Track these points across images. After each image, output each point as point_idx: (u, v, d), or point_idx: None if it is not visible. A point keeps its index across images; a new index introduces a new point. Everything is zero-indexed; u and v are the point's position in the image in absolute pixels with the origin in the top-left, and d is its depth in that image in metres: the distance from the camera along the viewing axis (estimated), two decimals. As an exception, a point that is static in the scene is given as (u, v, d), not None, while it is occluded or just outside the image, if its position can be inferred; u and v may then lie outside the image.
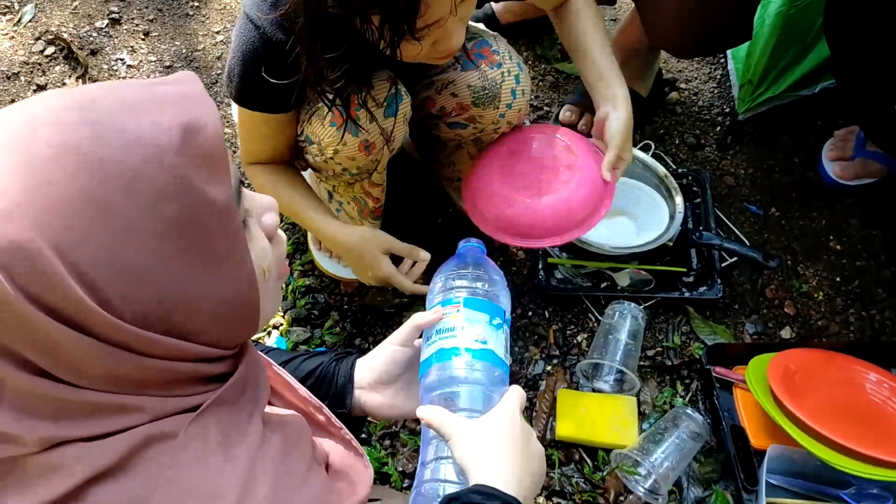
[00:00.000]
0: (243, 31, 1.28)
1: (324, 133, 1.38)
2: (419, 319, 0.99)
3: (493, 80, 1.45)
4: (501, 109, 1.48)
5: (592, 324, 1.68)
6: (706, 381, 1.56)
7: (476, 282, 0.99)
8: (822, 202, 1.84)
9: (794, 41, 1.80)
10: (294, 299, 1.74)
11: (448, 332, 0.95)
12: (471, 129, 1.52)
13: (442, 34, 1.17)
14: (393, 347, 1.03)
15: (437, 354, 0.94)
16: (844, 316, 1.68)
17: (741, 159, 1.93)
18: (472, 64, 1.45)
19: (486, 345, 0.93)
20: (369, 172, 1.47)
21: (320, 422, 0.90)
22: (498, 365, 0.94)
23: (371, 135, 1.38)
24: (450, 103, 1.48)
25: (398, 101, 1.37)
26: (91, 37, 2.21)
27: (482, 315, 0.95)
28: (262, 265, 0.71)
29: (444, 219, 1.85)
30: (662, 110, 2.02)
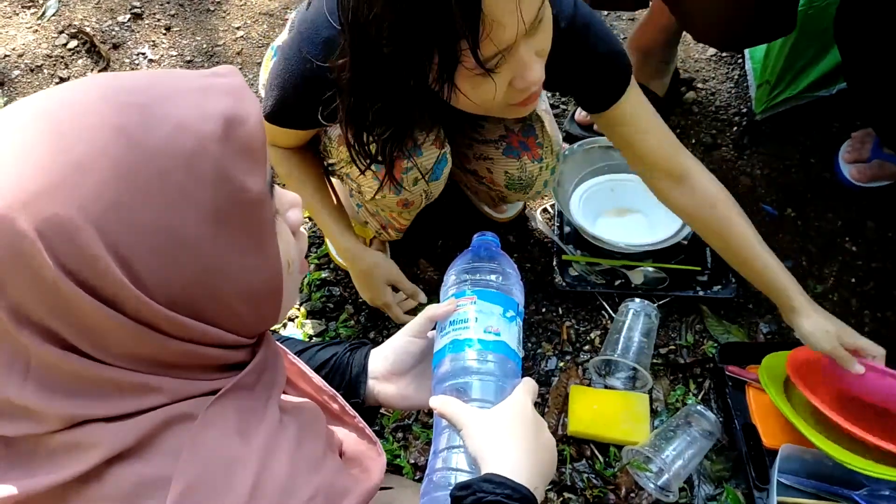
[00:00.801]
0: (290, 51, 1.23)
1: (364, 183, 1.38)
2: (433, 311, 1.00)
3: (531, 173, 1.48)
4: (531, 195, 1.54)
5: (606, 321, 1.68)
6: (719, 379, 1.56)
7: (490, 274, 1.00)
8: (837, 203, 1.84)
9: (811, 42, 1.80)
10: (310, 292, 1.75)
11: (461, 323, 0.96)
12: (496, 193, 1.58)
13: (517, 67, 1.03)
14: (407, 338, 1.04)
15: (451, 345, 0.95)
16: (859, 317, 1.67)
17: (757, 159, 1.92)
18: (515, 153, 1.46)
19: (500, 336, 0.94)
20: (400, 213, 1.49)
21: (334, 410, 0.91)
22: (511, 357, 0.94)
23: (413, 195, 1.39)
24: (483, 173, 1.52)
25: (443, 166, 1.38)
26: (113, 31, 2.24)
27: (496, 307, 0.96)
28: (287, 258, 0.73)
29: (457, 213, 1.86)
30: (679, 110, 2.02)
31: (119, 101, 0.61)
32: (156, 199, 0.60)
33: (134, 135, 0.60)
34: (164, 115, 0.61)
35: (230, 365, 0.72)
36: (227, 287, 0.65)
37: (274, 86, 1.29)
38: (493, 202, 1.73)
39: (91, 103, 0.61)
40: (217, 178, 0.62)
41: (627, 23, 2.20)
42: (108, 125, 0.60)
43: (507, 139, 1.45)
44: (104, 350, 0.63)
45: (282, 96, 1.28)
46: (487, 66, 0.99)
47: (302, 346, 1.09)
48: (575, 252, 1.76)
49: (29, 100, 0.62)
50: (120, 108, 0.60)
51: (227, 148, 0.63)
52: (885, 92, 1.49)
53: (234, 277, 0.65)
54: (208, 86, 0.65)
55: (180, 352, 0.65)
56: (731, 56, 2.10)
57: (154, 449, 0.63)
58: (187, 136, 0.61)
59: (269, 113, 1.33)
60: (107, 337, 0.62)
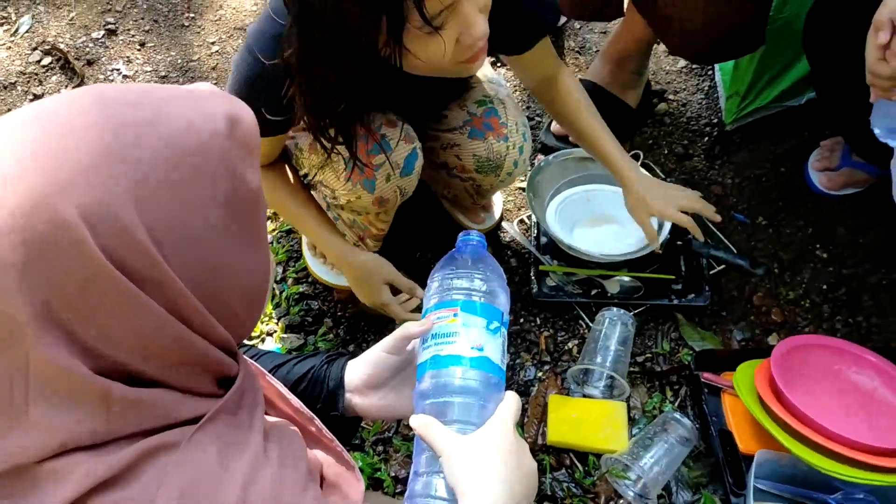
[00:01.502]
0: (244, 60, 1.26)
1: (338, 185, 1.40)
2: (408, 330, 0.99)
3: (498, 152, 1.48)
4: (502, 177, 1.54)
5: (583, 330, 1.70)
6: (695, 386, 1.58)
7: (474, 281, 0.97)
8: (808, 210, 1.87)
9: (780, 53, 1.84)
10: (288, 306, 1.75)
11: (444, 337, 0.94)
12: (469, 183, 1.58)
13: (462, 23, 1.09)
14: (382, 354, 1.03)
15: (433, 361, 0.93)
16: (831, 323, 1.70)
17: (729, 169, 1.95)
18: (480, 134, 1.47)
19: (483, 352, 0.93)
20: (377, 214, 1.50)
21: (312, 433, 0.91)
22: (494, 372, 0.93)
23: (387, 192, 1.40)
24: (453, 161, 1.52)
25: (414, 160, 1.40)
26: (87, 47, 2.23)
27: (480, 320, 0.94)
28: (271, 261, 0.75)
29: (436, 226, 1.87)
30: (651, 121, 2.05)
31: (128, 101, 0.64)
32: (180, 189, 0.63)
33: (152, 129, 0.62)
34: (173, 113, 0.64)
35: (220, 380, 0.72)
36: (230, 284, 0.68)
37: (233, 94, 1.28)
38: (471, 199, 1.73)
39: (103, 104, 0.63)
40: (227, 171, 0.66)
41: (600, 35, 2.23)
42: (126, 120, 0.62)
43: (471, 123, 1.48)
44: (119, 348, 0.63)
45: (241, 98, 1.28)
46: (434, 24, 1.04)
47: (279, 360, 1.09)
48: (552, 262, 1.77)
49: (33, 106, 0.64)
50: (131, 107, 0.63)
51: (232, 144, 0.67)
52: (853, 100, 1.52)
53: (235, 275, 0.68)
54: (200, 93, 0.69)
55: (191, 348, 0.66)
56: (701, 68, 2.14)
57: (136, 478, 0.63)
58: (198, 131, 0.64)
59: None
60: (128, 330, 0.62)
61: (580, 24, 2.25)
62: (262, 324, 1.72)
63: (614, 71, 1.98)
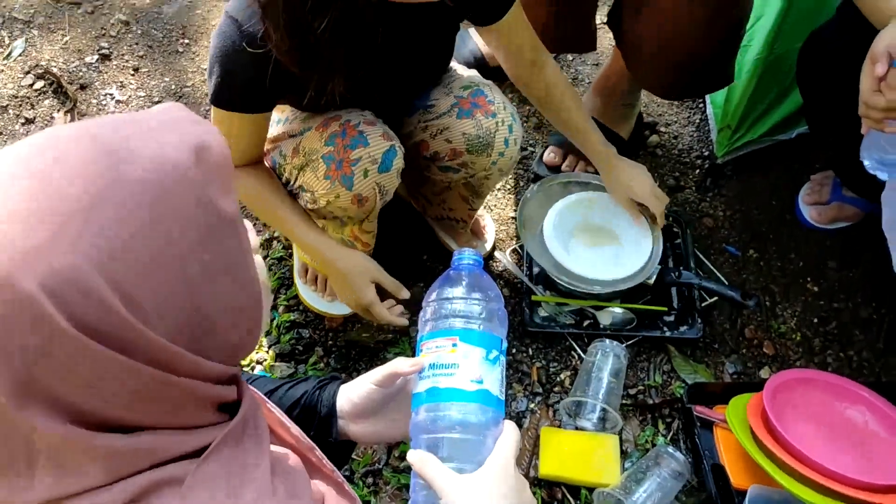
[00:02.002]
0: (221, 27, 1.26)
1: (318, 185, 1.40)
2: (398, 366, 0.98)
3: (487, 129, 1.48)
4: (494, 157, 1.51)
5: (576, 361, 1.70)
6: (687, 419, 1.58)
7: (472, 306, 0.95)
8: (799, 244, 1.88)
9: (771, 88, 1.86)
10: (278, 334, 1.74)
11: (442, 368, 0.92)
12: (462, 173, 1.56)
13: None
14: (371, 387, 1.02)
15: (430, 393, 0.92)
16: (822, 356, 1.70)
17: (720, 201, 1.97)
18: (468, 112, 1.48)
19: (482, 384, 0.91)
20: (360, 220, 1.49)
21: (313, 462, 0.90)
22: (492, 405, 0.91)
23: (365, 189, 1.40)
24: (444, 148, 1.51)
25: (392, 156, 1.40)
26: (81, 72, 2.23)
27: (479, 350, 0.92)
28: (262, 278, 0.73)
29: (429, 255, 1.87)
30: (643, 152, 2.06)
31: (93, 144, 0.61)
32: (150, 233, 0.60)
33: (117, 173, 0.60)
34: (139, 150, 0.62)
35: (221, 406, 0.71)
36: (218, 313, 0.66)
37: (214, 66, 1.28)
38: (467, 206, 1.72)
39: (67, 150, 0.61)
40: (200, 205, 0.63)
41: (592, 67, 2.25)
42: (89, 168, 0.60)
43: (458, 104, 1.49)
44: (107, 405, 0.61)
45: (223, 71, 1.28)
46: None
47: (272, 384, 1.08)
48: (544, 293, 1.77)
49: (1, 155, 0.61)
50: (96, 150, 0.61)
51: (202, 175, 0.64)
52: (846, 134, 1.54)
53: (223, 302, 0.66)
54: (163, 121, 0.66)
55: (180, 390, 0.64)
56: (692, 101, 2.16)
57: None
58: (165, 167, 0.62)
59: (215, 95, 1.32)
60: (112, 389, 0.61)
61: (572, 56, 2.27)
62: (254, 352, 1.71)
63: (606, 103, 2.00)
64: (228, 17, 1.25)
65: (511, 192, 1.99)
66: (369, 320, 1.58)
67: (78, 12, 2.38)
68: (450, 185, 1.66)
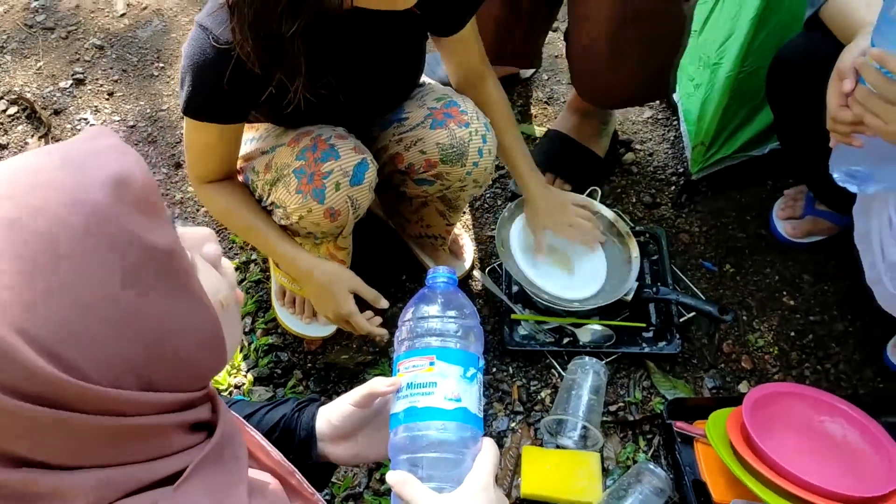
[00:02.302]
0: (192, 38, 1.26)
1: (290, 200, 1.40)
2: (376, 386, 0.97)
3: (461, 138, 1.49)
4: (468, 167, 1.52)
5: (556, 379, 1.69)
6: (668, 435, 1.58)
7: (448, 324, 0.95)
8: (774, 258, 1.90)
9: (743, 104, 1.88)
10: (256, 358, 1.73)
11: (420, 388, 0.92)
12: (437, 185, 1.56)
13: None
14: (350, 408, 1.01)
15: (408, 413, 0.92)
16: (800, 370, 1.71)
17: (696, 217, 1.98)
18: (441, 123, 1.49)
19: (460, 402, 0.91)
20: (335, 236, 1.49)
21: (294, 486, 0.89)
22: (471, 422, 0.91)
23: (337, 202, 1.40)
24: (418, 160, 1.51)
25: (364, 169, 1.40)
26: (55, 97, 2.22)
27: (456, 368, 0.92)
28: (219, 297, 0.70)
29: (407, 275, 1.86)
30: (619, 170, 2.08)
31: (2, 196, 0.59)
32: (70, 284, 0.57)
33: (29, 225, 0.57)
34: (52, 195, 0.59)
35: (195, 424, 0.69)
36: (167, 348, 0.63)
37: (185, 76, 1.28)
38: (444, 222, 1.72)
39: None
40: (123, 241, 0.60)
41: (567, 86, 2.27)
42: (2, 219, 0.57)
43: (432, 115, 1.51)
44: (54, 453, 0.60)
45: (194, 80, 1.27)
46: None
47: (250, 408, 1.07)
48: (523, 311, 1.77)
49: None
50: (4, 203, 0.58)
51: (124, 209, 0.61)
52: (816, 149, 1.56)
53: (169, 337, 0.63)
54: (83, 153, 0.63)
55: (136, 428, 0.63)
56: (666, 118, 2.18)
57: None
58: (83, 207, 0.59)
59: (186, 104, 1.31)
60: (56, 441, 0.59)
61: (548, 75, 2.29)
62: (231, 376, 1.69)
63: (581, 121, 2.02)
64: (198, 26, 1.25)
65: (489, 212, 2.00)
66: (349, 331, 1.57)
67: (52, 37, 2.37)
68: (426, 202, 1.66)
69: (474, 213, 2.00)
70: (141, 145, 2.11)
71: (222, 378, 1.68)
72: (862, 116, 1.21)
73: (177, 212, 1.97)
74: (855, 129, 1.26)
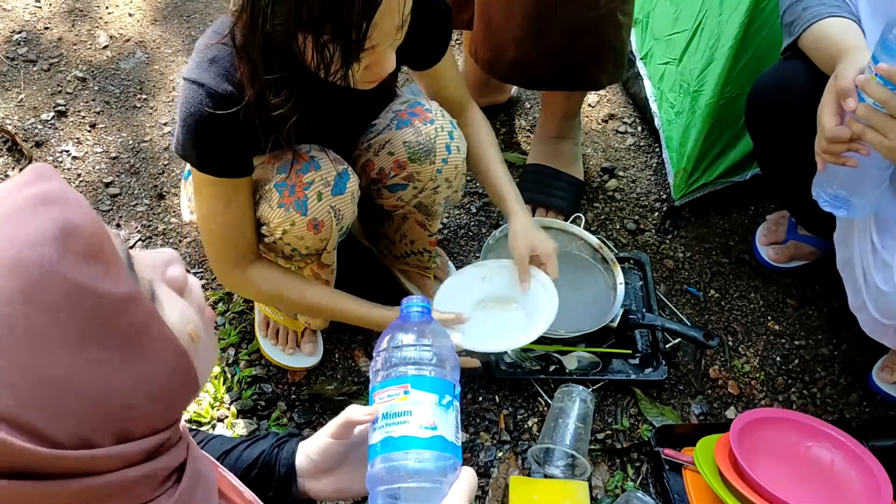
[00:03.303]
0: (186, 94, 1.27)
1: (272, 215, 1.39)
2: (352, 415, 0.96)
3: (427, 135, 1.49)
4: (438, 164, 1.51)
5: (543, 408, 1.68)
6: (656, 463, 1.57)
7: (423, 352, 0.95)
8: (758, 283, 1.90)
9: (724, 131, 1.90)
10: (240, 390, 1.70)
11: (395, 417, 0.91)
12: (410, 189, 1.55)
13: (376, 59, 1.22)
14: (328, 441, 1.00)
15: (384, 443, 0.91)
16: (787, 395, 1.71)
17: (679, 243, 1.99)
18: (406, 122, 1.50)
19: (437, 430, 0.90)
20: (318, 252, 1.48)
21: None
22: (448, 451, 0.91)
23: (320, 213, 1.39)
24: (387, 163, 1.51)
25: (345, 179, 1.41)
26: (36, 129, 2.20)
27: (431, 396, 0.92)
28: (187, 330, 0.67)
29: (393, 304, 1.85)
30: (603, 196, 2.09)
31: None
32: (21, 348, 0.55)
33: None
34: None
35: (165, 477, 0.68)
36: (132, 394, 0.61)
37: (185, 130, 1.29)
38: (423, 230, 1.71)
39: None
40: (74, 294, 0.57)
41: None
42: None
43: (397, 117, 1.52)
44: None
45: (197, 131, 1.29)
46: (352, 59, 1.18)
47: (228, 444, 1.05)
48: (509, 339, 1.76)
49: None
50: None
51: (72, 261, 0.57)
52: (796, 175, 1.57)
53: (134, 382, 0.61)
54: (23, 202, 0.59)
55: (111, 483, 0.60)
56: (648, 145, 2.19)
57: None
58: (23, 269, 0.56)
59: (198, 160, 1.33)
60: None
61: (530, 103, 2.30)
62: (214, 409, 1.67)
63: (554, 148, 2.05)
64: (191, 83, 1.26)
65: (473, 239, 2.00)
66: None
67: (33, 69, 2.36)
68: (405, 216, 1.66)
69: (458, 241, 2.00)
70: (123, 176, 2.10)
71: (205, 411, 1.65)
72: (862, 133, 1.23)
73: (159, 243, 1.96)
74: (850, 146, 1.27)
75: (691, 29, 1.93)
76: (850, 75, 1.25)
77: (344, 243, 1.57)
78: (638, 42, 2.18)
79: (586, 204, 2.07)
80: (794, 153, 1.44)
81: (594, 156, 2.19)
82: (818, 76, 1.37)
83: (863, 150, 1.27)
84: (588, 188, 2.09)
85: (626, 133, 2.24)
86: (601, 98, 2.33)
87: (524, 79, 1.96)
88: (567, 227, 1.89)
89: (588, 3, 1.72)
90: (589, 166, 2.15)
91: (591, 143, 2.22)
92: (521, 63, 1.83)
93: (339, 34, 1.13)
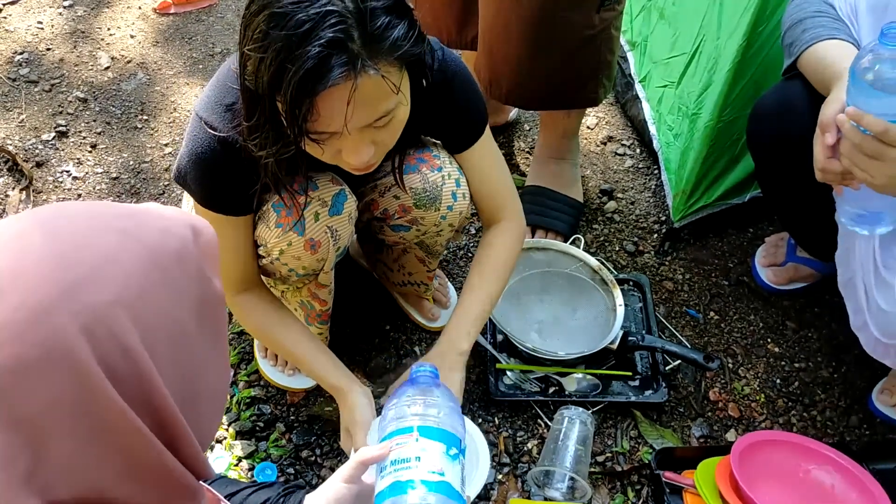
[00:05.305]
0: (196, 132, 1.31)
1: (269, 235, 1.39)
2: (365, 455, 0.97)
3: (433, 182, 1.48)
4: (443, 211, 1.51)
5: (542, 430, 1.68)
6: (657, 486, 1.56)
7: (431, 408, 0.98)
8: (758, 305, 1.90)
9: (723, 154, 1.91)
10: (238, 411, 1.70)
11: (403, 462, 0.92)
12: (414, 231, 1.55)
13: (346, 146, 1.20)
14: (340, 485, 1.00)
15: (392, 488, 0.91)
16: (787, 417, 1.71)
17: (679, 265, 1.99)
18: (414, 168, 1.49)
19: (444, 476, 0.91)
20: (315, 273, 1.47)
21: None
22: (454, 498, 0.91)
23: (317, 233, 1.39)
24: (392, 205, 1.51)
25: (343, 200, 1.41)
26: (37, 149, 2.21)
27: (439, 445, 0.93)
28: None
29: (391, 325, 1.85)
30: (602, 218, 2.09)
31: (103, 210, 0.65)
32: (164, 291, 0.63)
33: (135, 234, 0.64)
34: (148, 221, 0.66)
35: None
36: (202, 387, 0.67)
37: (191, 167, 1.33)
38: (425, 269, 1.71)
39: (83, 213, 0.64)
40: (197, 275, 0.67)
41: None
42: (110, 227, 0.63)
43: (406, 161, 1.49)
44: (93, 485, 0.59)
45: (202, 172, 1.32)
46: (313, 139, 1.16)
47: (233, 487, 1.04)
48: (508, 360, 1.76)
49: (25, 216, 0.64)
50: (109, 214, 0.65)
51: (199, 250, 0.68)
52: (797, 196, 1.58)
53: (205, 377, 0.67)
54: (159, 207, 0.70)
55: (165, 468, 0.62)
56: (647, 167, 2.20)
57: None
58: (173, 237, 0.66)
59: (202, 198, 1.36)
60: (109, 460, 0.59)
61: (529, 125, 2.32)
62: (212, 430, 1.66)
63: (553, 169, 2.05)
64: (202, 123, 1.30)
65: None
66: None
67: (35, 90, 2.38)
68: (406, 249, 1.66)
69: (458, 262, 2.00)
70: (124, 197, 2.10)
71: (203, 432, 1.65)
72: (850, 168, 1.23)
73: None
74: (844, 180, 1.27)
75: (689, 52, 1.94)
76: (830, 110, 1.25)
77: (342, 263, 1.57)
78: (636, 65, 2.20)
79: (585, 226, 2.07)
80: (795, 174, 1.45)
81: (593, 178, 2.20)
82: (819, 97, 1.37)
83: (853, 185, 1.27)
84: (587, 210, 2.10)
85: (624, 155, 2.25)
86: (600, 120, 2.34)
87: (523, 100, 1.97)
88: (566, 249, 1.89)
89: (586, 23, 1.74)
90: (588, 188, 2.16)
91: (589, 164, 2.23)
92: (520, 84, 1.84)
93: (286, 107, 1.12)
